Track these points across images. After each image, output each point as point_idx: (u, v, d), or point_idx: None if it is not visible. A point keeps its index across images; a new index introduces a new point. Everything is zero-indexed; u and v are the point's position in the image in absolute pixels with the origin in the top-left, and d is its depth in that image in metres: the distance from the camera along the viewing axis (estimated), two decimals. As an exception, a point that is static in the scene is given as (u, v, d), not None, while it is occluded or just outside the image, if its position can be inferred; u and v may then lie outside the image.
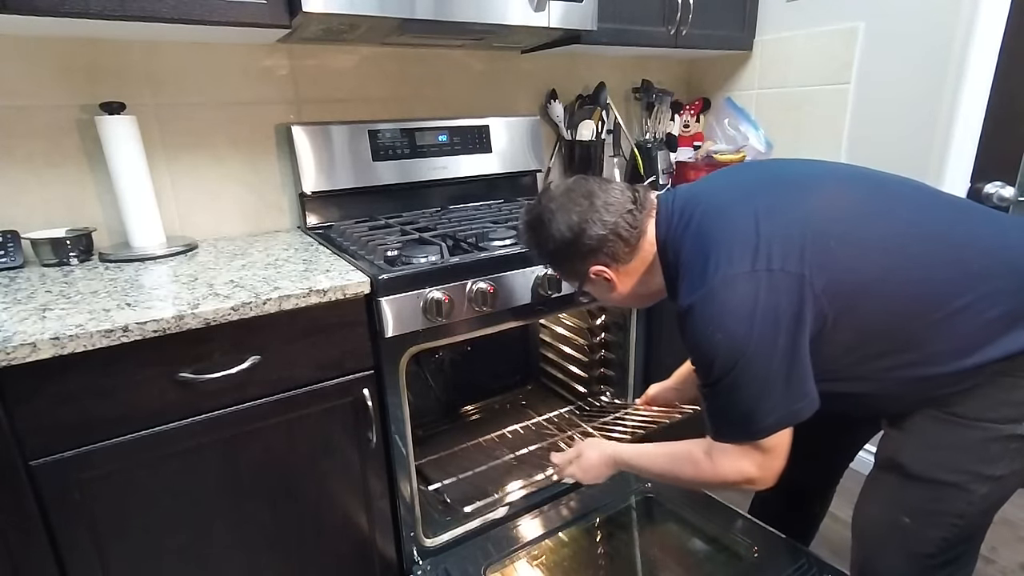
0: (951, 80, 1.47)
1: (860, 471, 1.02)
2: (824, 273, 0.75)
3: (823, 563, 1.14)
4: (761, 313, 0.74)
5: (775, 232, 0.76)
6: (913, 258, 0.78)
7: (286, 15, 1.12)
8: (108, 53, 1.24)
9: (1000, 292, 0.76)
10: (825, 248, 0.76)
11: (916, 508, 0.85)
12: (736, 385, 0.78)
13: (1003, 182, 1.52)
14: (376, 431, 1.13)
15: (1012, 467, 0.79)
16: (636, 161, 1.92)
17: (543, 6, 1.32)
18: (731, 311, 0.75)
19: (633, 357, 1.50)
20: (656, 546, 1.31)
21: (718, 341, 0.76)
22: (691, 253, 0.83)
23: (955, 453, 0.81)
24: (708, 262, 0.78)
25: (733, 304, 0.75)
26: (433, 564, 1.23)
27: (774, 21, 1.84)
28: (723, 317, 0.76)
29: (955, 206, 0.86)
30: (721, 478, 0.85)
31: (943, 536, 0.84)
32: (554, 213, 0.91)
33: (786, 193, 0.83)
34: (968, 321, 0.76)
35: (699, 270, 0.79)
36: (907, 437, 0.85)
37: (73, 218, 1.28)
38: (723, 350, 0.76)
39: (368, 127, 1.51)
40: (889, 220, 0.80)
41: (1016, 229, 0.82)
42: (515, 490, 1.44)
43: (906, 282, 0.77)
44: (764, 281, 0.74)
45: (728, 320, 0.75)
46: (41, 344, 0.79)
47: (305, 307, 1.00)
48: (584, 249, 0.90)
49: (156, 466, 0.95)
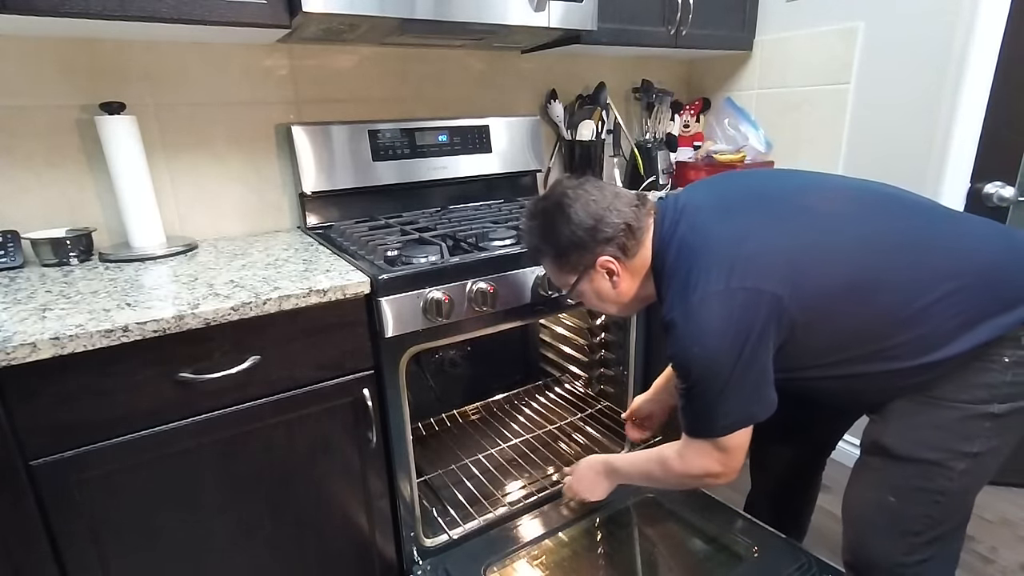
0: (951, 80, 1.47)
1: (847, 464, 1.06)
2: (796, 287, 0.83)
3: (823, 563, 1.14)
4: (733, 331, 0.83)
5: (751, 251, 0.84)
6: (883, 264, 0.84)
7: (286, 15, 1.12)
8: (108, 53, 1.24)
9: (965, 291, 0.82)
10: (798, 263, 0.84)
11: (900, 486, 0.91)
12: (706, 390, 0.87)
13: (1003, 182, 1.52)
14: (376, 431, 1.13)
15: (988, 445, 0.86)
16: (636, 161, 1.92)
17: (543, 6, 1.32)
18: (707, 330, 0.84)
19: (633, 357, 1.51)
20: (656, 546, 1.31)
21: (695, 354, 0.85)
22: (674, 266, 0.90)
23: (934, 432, 0.87)
24: (689, 276, 0.86)
25: (709, 323, 0.84)
26: (433, 564, 1.23)
27: (774, 21, 1.84)
28: (700, 335, 0.84)
29: (927, 212, 0.92)
30: (689, 473, 0.97)
31: (927, 513, 0.90)
32: (574, 201, 0.94)
33: (766, 210, 0.90)
34: (935, 320, 0.82)
35: (680, 285, 0.87)
36: (889, 420, 0.91)
37: (73, 218, 1.28)
38: (699, 361, 0.86)
39: (368, 127, 1.51)
40: (863, 229, 0.87)
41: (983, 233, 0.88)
42: (515, 490, 1.44)
43: (876, 289, 0.83)
44: (738, 299, 0.82)
45: (704, 337, 0.84)
46: (41, 344, 0.79)
47: (305, 307, 1.00)
48: (600, 237, 0.93)
49: (156, 466, 0.95)
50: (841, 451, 1.28)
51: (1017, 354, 0.83)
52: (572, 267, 0.97)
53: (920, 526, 0.91)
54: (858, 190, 0.94)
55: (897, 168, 1.61)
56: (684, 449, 0.97)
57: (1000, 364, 0.83)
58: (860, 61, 1.64)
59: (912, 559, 0.93)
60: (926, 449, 0.88)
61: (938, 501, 0.89)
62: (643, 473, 1.09)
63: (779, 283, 0.82)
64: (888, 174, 1.62)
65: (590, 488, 1.22)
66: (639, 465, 1.09)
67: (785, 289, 0.82)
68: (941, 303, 0.82)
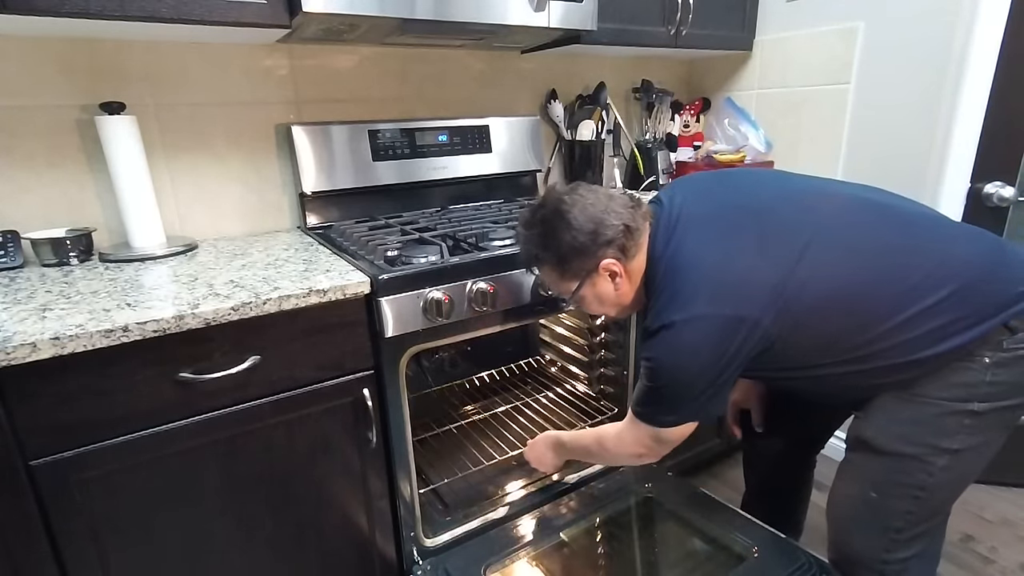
0: (951, 80, 1.47)
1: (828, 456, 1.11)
2: (779, 312, 0.86)
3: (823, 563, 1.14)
4: (709, 353, 0.87)
5: (736, 278, 0.87)
6: (872, 277, 0.86)
7: (286, 15, 1.12)
8: (108, 53, 1.24)
9: (952, 298, 0.84)
10: (783, 287, 0.86)
11: (881, 481, 0.94)
12: (668, 392, 0.93)
13: (1003, 182, 1.52)
14: (376, 431, 1.13)
15: (968, 443, 0.88)
16: (636, 161, 1.92)
17: (543, 6, 1.32)
18: (685, 349, 0.88)
19: (633, 357, 1.50)
20: (656, 546, 1.31)
21: (669, 365, 0.90)
22: (663, 282, 0.92)
23: (914, 427, 0.90)
24: (676, 296, 0.89)
25: (689, 343, 0.88)
26: (433, 564, 1.23)
27: (774, 21, 1.84)
28: (678, 352, 0.89)
29: (916, 219, 0.93)
30: (622, 452, 1.07)
31: (908, 509, 0.92)
32: (571, 206, 0.94)
33: (757, 227, 0.91)
34: (920, 327, 0.85)
35: (667, 300, 0.90)
36: (871, 416, 0.94)
37: (73, 218, 1.28)
38: (670, 373, 0.91)
39: (368, 127, 1.51)
40: (853, 240, 0.89)
41: (970, 239, 0.91)
42: (515, 490, 1.44)
43: (864, 299, 0.86)
44: (717, 324, 0.86)
45: (682, 356, 0.89)
46: (41, 344, 0.79)
47: (305, 307, 1.00)
48: (601, 240, 0.93)
49: (156, 466, 0.95)
50: (836, 448, 1.28)
51: (998, 355, 0.85)
52: (574, 273, 0.97)
53: (901, 522, 0.93)
54: (850, 198, 0.95)
55: (897, 168, 1.61)
56: (624, 431, 1.05)
57: (980, 364, 0.85)
58: (860, 61, 1.64)
59: (894, 556, 0.95)
60: (906, 443, 0.90)
61: (918, 496, 0.91)
62: (583, 448, 1.19)
63: (761, 309, 0.86)
64: (888, 174, 1.62)
65: (538, 459, 1.32)
66: (580, 440, 1.19)
67: (768, 314, 0.86)
68: (928, 311, 0.84)
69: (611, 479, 1.46)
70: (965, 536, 1.59)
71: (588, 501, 1.39)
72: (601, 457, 1.17)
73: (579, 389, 1.81)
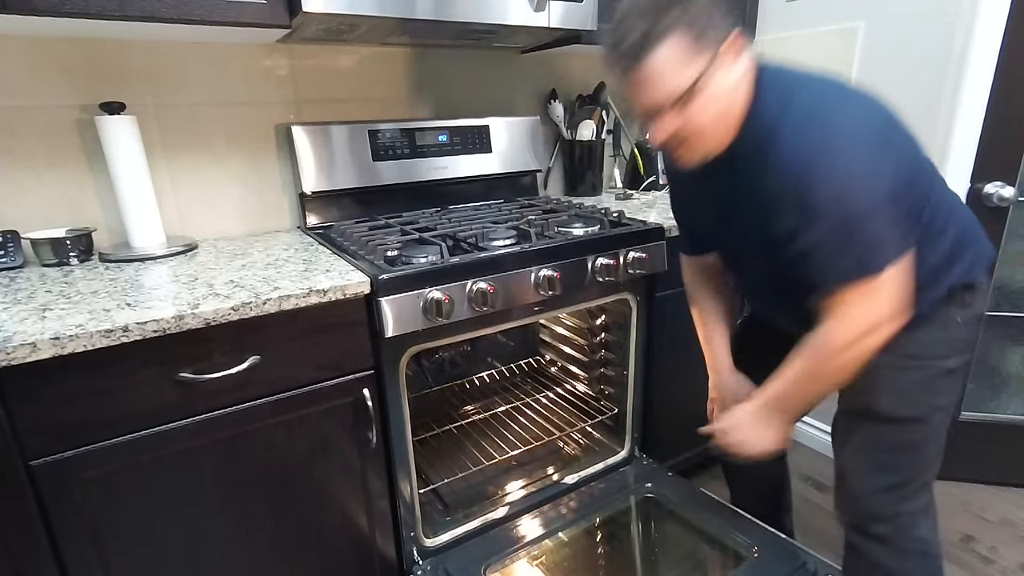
0: (951, 80, 1.47)
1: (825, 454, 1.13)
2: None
3: (823, 563, 1.14)
4: (879, 146, 0.79)
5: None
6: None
7: (286, 15, 1.12)
8: (108, 53, 1.24)
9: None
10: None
11: (890, 443, 0.99)
12: (850, 216, 0.76)
13: (1003, 182, 1.52)
14: (376, 431, 1.13)
15: (950, 398, 0.98)
16: (636, 161, 1.92)
17: (543, 6, 1.32)
18: (848, 146, 0.77)
19: (633, 357, 1.50)
20: (656, 546, 1.31)
21: (836, 169, 0.75)
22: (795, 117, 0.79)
23: (915, 393, 0.96)
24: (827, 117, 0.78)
25: (852, 136, 0.78)
26: (433, 564, 1.23)
27: (774, 21, 1.84)
28: (841, 149, 0.76)
29: None
30: (856, 333, 0.83)
31: (912, 462, 0.99)
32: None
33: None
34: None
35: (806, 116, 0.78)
36: (878, 388, 0.97)
37: (73, 218, 1.28)
38: (839, 180, 0.76)
39: (368, 127, 1.51)
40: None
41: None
42: (515, 490, 1.44)
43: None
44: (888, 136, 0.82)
45: (847, 153, 0.76)
46: (41, 344, 0.79)
47: (305, 307, 1.00)
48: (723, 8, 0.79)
49: (156, 466, 0.95)
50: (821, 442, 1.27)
51: (964, 313, 0.93)
52: (708, 43, 0.77)
53: (910, 473, 0.99)
54: None
55: (897, 168, 1.60)
56: (837, 313, 0.83)
57: (953, 323, 0.93)
58: (860, 61, 1.64)
59: (906, 508, 1.00)
60: (911, 408, 0.97)
61: (919, 450, 0.99)
62: (802, 376, 0.91)
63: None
64: (888, 174, 1.62)
65: (757, 442, 1.00)
66: (793, 376, 0.92)
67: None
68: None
69: (611, 479, 1.46)
70: (965, 536, 1.59)
71: (588, 501, 1.39)
72: (830, 366, 0.87)
73: (579, 389, 1.81)
